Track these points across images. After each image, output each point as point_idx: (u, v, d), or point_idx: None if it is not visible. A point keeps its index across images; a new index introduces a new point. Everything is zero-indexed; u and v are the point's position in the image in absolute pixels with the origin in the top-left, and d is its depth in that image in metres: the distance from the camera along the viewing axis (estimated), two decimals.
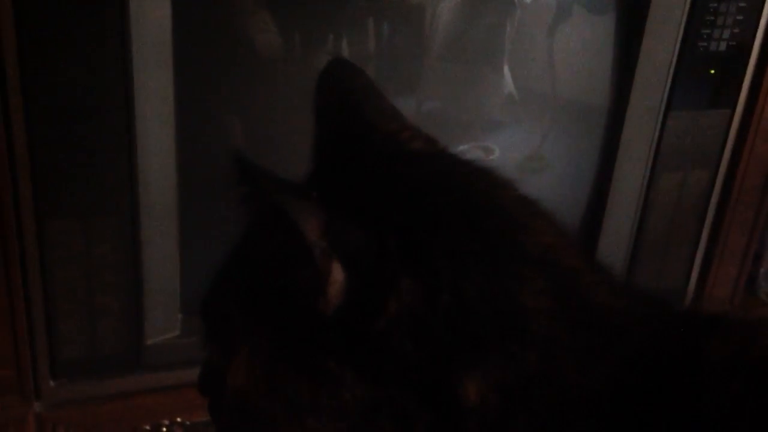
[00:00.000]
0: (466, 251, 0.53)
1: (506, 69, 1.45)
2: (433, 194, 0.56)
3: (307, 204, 0.51)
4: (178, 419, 1.38)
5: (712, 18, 1.37)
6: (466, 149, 1.40)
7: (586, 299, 0.54)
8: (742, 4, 1.37)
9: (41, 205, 1.18)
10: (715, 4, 1.36)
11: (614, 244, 1.52)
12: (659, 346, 0.53)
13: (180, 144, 1.23)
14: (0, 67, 1.10)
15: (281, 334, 0.55)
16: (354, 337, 0.52)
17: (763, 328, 0.53)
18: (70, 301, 1.23)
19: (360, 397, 0.52)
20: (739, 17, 1.38)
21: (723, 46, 1.40)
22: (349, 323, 0.52)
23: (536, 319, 0.52)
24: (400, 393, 0.52)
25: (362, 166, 0.60)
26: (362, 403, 0.52)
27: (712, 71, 1.42)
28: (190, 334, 1.34)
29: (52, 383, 1.30)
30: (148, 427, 1.38)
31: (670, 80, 1.42)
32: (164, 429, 1.39)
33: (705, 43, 1.39)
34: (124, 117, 1.17)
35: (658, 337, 0.53)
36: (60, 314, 1.24)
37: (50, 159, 1.16)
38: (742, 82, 1.45)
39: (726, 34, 1.39)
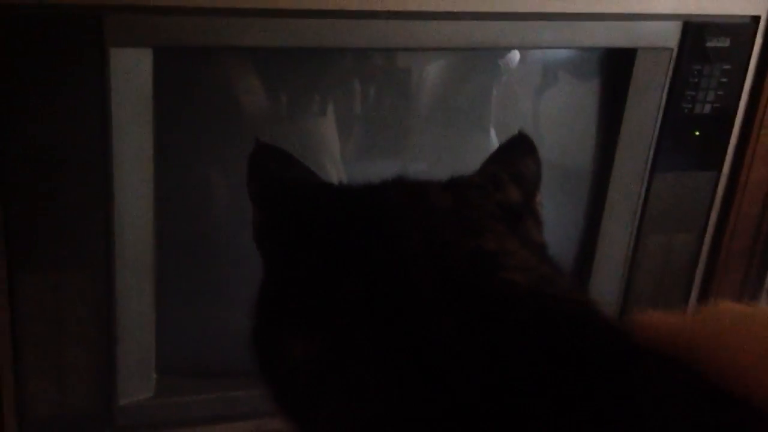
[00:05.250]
0: None
1: (492, 132, 1.44)
2: None
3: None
4: None
5: (696, 80, 1.37)
6: None
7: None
8: (726, 66, 1.37)
9: (13, 258, 1.15)
10: (699, 67, 1.36)
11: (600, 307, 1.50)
12: None
13: (158, 200, 1.21)
14: None
15: None
16: None
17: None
18: (40, 358, 1.21)
19: None
20: (723, 79, 1.38)
21: (707, 108, 1.40)
22: None
23: None
24: None
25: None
26: None
27: (697, 133, 1.42)
28: (165, 395, 1.31)
29: None
30: None
31: (654, 142, 1.41)
32: None
33: (689, 105, 1.39)
34: (102, 171, 1.16)
35: None
36: (29, 372, 1.21)
37: (24, 211, 1.14)
38: (727, 144, 1.44)
39: (710, 96, 1.39)
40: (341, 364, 0.50)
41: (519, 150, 0.70)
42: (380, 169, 1.39)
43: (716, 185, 1.47)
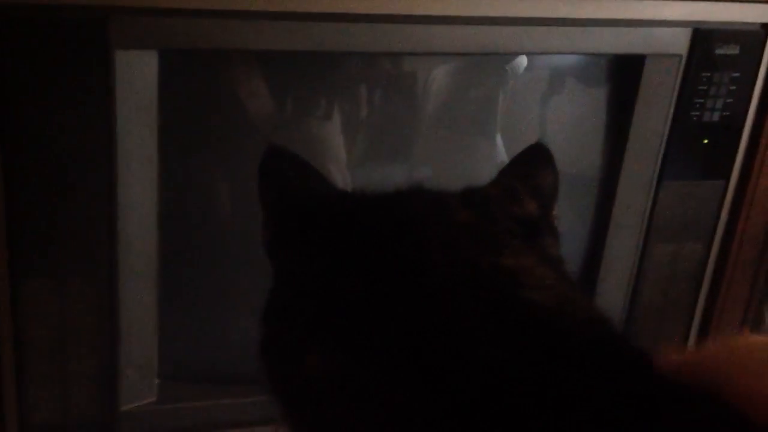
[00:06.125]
0: None
1: (498, 138, 1.43)
2: None
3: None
4: None
5: (705, 88, 1.36)
6: None
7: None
8: (734, 74, 1.36)
9: (16, 263, 1.15)
10: (708, 74, 1.36)
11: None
12: None
13: (162, 206, 1.21)
14: None
15: None
16: None
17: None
18: (42, 364, 1.20)
19: None
20: (733, 87, 1.37)
21: (716, 116, 1.39)
22: None
23: None
24: None
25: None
26: None
27: (706, 141, 1.41)
28: (168, 400, 1.30)
29: None
30: None
31: (662, 150, 1.40)
32: None
33: (698, 113, 1.38)
34: (106, 177, 1.15)
35: None
36: (31, 377, 1.20)
37: (27, 216, 1.13)
38: (735, 152, 1.43)
39: (719, 104, 1.38)
40: (364, 382, 0.49)
41: (536, 161, 0.68)
42: (385, 174, 1.38)
43: (724, 194, 1.46)
